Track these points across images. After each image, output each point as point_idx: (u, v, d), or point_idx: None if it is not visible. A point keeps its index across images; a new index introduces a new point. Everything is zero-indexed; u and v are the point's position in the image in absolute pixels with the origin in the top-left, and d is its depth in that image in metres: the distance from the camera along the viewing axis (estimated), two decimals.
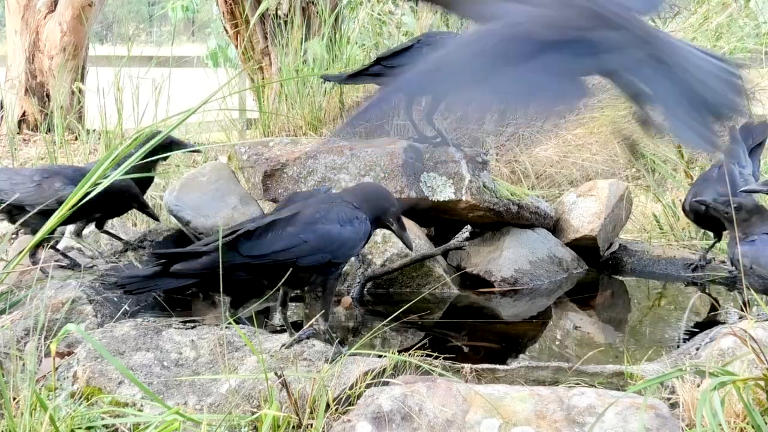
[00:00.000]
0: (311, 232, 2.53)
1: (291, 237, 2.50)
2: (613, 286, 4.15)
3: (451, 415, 2.25)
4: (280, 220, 2.54)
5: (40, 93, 8.24)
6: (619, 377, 2.51)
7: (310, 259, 2.53)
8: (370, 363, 2.48)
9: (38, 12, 8.32)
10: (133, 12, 22.43)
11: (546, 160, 5.29)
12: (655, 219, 4.90)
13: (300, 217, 2.57)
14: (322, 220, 2.57)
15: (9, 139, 6.06)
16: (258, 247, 2.48)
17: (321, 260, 2.55)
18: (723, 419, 2.03)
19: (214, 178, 4.04)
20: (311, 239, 2.52)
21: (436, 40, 3.63)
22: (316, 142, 3.97)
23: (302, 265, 2.53)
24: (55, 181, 3.27)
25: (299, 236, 2.51)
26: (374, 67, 3.56)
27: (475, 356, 3.04)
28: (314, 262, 2.54)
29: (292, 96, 5.36)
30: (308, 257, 2.52)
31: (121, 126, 5.83)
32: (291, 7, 6.23)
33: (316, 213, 2.60)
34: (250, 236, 2.48)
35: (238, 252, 2.46)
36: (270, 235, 2.50)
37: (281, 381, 2.30)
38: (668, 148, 5.47)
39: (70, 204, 2.34)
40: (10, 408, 2.23)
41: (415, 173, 3.77)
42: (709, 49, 3.29)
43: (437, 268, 3.78)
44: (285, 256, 2.50)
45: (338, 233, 2.57)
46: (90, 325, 2.87)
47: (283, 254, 2.50)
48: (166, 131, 2.72)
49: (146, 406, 2.39)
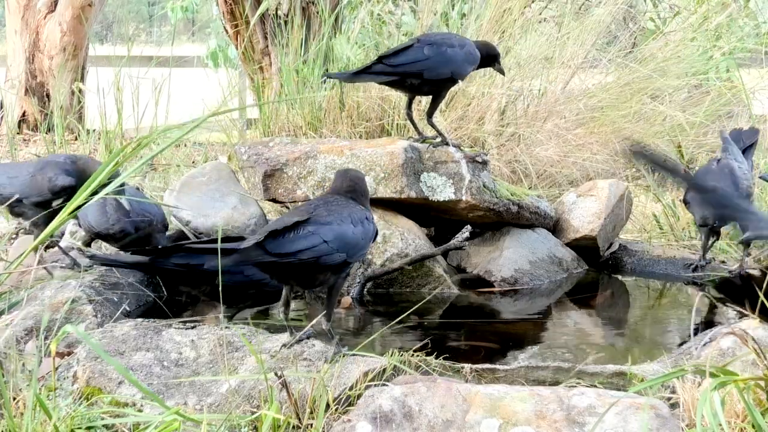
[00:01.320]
0: (330, 232, 2.57)
1: (313, 237, 2.54)
2: (613, 286, 4.15)
3: (451, 415, 2.25)
4: (303, 221, 2.56)
5: (40, 93, 8.23)
6: (620, 377, 2.51)
7: (329, 259, 2.56)
8: (370, 363, 2.48)
9: (38, 12, 8.32)
10: (133, 12, 22.42)
11: (546, 160, 5.28)
12: (655, 219, 4.89)
13: (319, 218, 2.59)
14: (338, 220, 2.61)
15: (9, 139, 6.06)
16: (284, 246, 2.51)
17: (338, 260, 2.58)
18: (723, 419, 2.03)
19: (214, 178, 4.04)
20: (331, 240, 2.56)
21: (435, 40, 3.66)
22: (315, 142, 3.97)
23: (322, 264, 2.56)
24: (47, 172, 3.29)
25: (320, 237, 2.55)
26: (377, 65, 3.58)
27: (475, 356, 3.03)
28: (333, 262, 2.58)
29: (292, 96, 5.36)
30: (328, 257, 2.56)
31: (121, 126, 5.82)
32: (291, 7, 6.23)
33: (333, 214, 2.63)
34: (276, 236, 2.51)
35: (265, 250, 2.48)
36: (292, 235, 2.52)
37: (281, 381, 2.30)
38: (668, 148, 5.48)
39: (71, 209, 2.33)
40: (10, 408, 2.23)
41: (415, 173, 3.77)
42: None
43: (437, 268, 3.78)
44: (308, 255, 2.52)
45: (352, 234, 2.62)
46: (90, 325, 2.86)
47: (306, 253, 2.52)
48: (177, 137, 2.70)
49: (146, 406, 2.39)
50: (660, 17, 7.71)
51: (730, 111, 6.22)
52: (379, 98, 5.18)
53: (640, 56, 5.94)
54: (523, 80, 5.57)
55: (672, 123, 5.61)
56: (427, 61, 3.59)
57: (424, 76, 3.60)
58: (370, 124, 5.21)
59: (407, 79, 3.61)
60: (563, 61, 5.76)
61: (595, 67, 6.09)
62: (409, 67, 3.58)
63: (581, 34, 5.78)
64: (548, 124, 5.48)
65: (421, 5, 5.97)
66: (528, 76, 5.58)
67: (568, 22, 5.96)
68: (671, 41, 6.17)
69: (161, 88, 5.90)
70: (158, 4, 21.18)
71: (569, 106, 5.61)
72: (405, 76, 3.60)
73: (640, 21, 7.33)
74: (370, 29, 6.69)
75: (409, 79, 3.61)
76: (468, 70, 3.75)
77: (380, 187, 3.73)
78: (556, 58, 5.74)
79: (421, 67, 3.58)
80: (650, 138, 5.49)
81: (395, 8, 7.64)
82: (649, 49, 5.99)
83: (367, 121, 5.21)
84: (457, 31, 6.18)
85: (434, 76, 3.62)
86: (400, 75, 3.59)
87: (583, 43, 5.77)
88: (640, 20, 7.37)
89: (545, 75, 5.67)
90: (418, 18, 5.90)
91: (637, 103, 5.64)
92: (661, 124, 5.65)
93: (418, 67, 3.58)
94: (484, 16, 5.65)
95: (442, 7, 6.11)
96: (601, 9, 5.90)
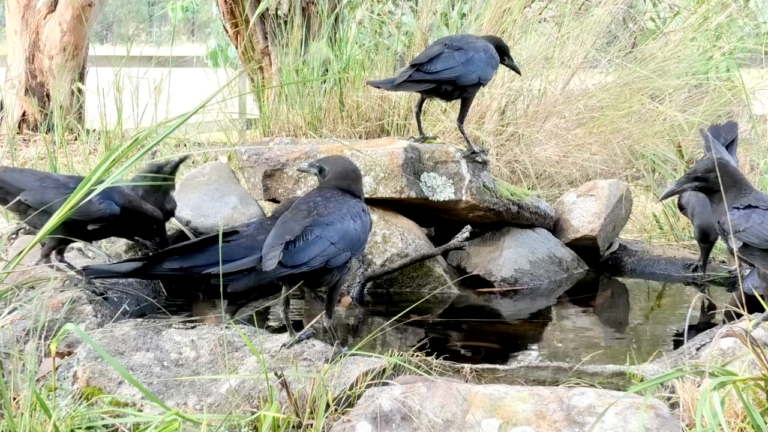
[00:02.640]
0: (335, 233, 2.58)
1: (321, 242, 2.55)
2: (613, 286, 4.15)
3: (451, 415, 2.25)
4: (309, 227, 2.56)
5: (40, 93, 8.24)
6: (619, 377, 2.51)
7: (337, 260, 2.58)
8: (370, 363, 2.48)
9: (38, 12, 8.32)
10: (133, 12, 22.42)
11: (546, 160, 5.28)
12: (655, 219, 4.89)
13: (323, 220, 2.59)
14: (339, 219, 2.61)
15: (9, 139, 6.05)
16: (296, 257, 2.51)
17: (345, 259, 2.60)
18: (723, 419, 2.03)
19: (214, 178, 4.04)
20: (337, 241, 2.57)
21: (461, 45, 3.68)
22: None
23: (331, 266, 2.57)
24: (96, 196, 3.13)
25: (327, 240, 2.56)
26: (415, 73, 3.60)
27: (475, 356, 3.04)
28: (340, 262, 2.59)
29: (292, 96, 5.36)
30: (335, 258, 2.57)
31: (120, 126, 5.82)
32: (291, 7, 6.23)
33: (333, 213, 2.63)
34: (287, 247, 2.50)
35: (281, 263, 2.48)
36: (302, 243, 2.53)
37: (281, 381, 2.30)
38: (668, 148, 5.48)
39: (70, 205, 2.33)
40: (10, 408, 2.23)
41: (415, 173, 3.77)
42: None
43: (437, 268, 3.78)
44: (319, 261, 2.53)
45: (354, 230, 2.63)
46: (90, 325, 2.86)
47: (317, 260, 2.53)
48: (167, 132, 2.71)
49: (146, 406, 2.39)
50: (660, 17, 7.70)
51: (730, 111, 6.22)
52: (379, 98, 5.18)
53: (640, 56, 5.94)
54: (522, 80, 5.58)
55: (672, 123, 5.61)
56: (459, 67, 3.62)
57: (456, 82, 3.63)
58: (370, 124, 5.21)
59: (442, 86, 3.64)
60: (563, 61, 5.77)
61: (594, 67, 6.09)
62: (444, 74, 3.60)
63: (581, 34, 5.78)
64: (548, 124, 5.48)
65: (421, 5, 5.97)
66: (528, 76, 5.58)
67: (568, 22, 5.96)
68: (671, 41, 6.17)
69: (161, 88, 5.90)
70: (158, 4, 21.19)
71: (569, 106, 5.62)
72: (440, 83, 3.62)
73: (640, 21, 7.32)
74: (369, 29, 6.70)
75: (443, 86, 3.64)
76: (491, 74, 3.80)
77: (380, 187, 3.73)
78: (555, 58, 5.74)
79: (455, 73, 3.61)
80: (650, 138, 5.49)
81: (395, 8, 7.64)
82: (649, 49, 5.99)
83: (367, 121, 5.21)
84: (456, 31, 6.19)
85: (465, 82, 3.64)
86: (436, 82, 3.61)
87: (582, 43, 5.77)
88: (640, 20, 7.37)
89: (545, 75, 5.67)
90: (418, 18, 5.90)
91: (637, 103, 5.64)
92: (660, 124, 5.65)
93: (452, 73, 3.61)
94: (484, 16, 5.66)
95: (442, 7, 6.12)
96: (601, 9, 5.90)
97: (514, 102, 5.58)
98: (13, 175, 3.25)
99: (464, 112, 3.83)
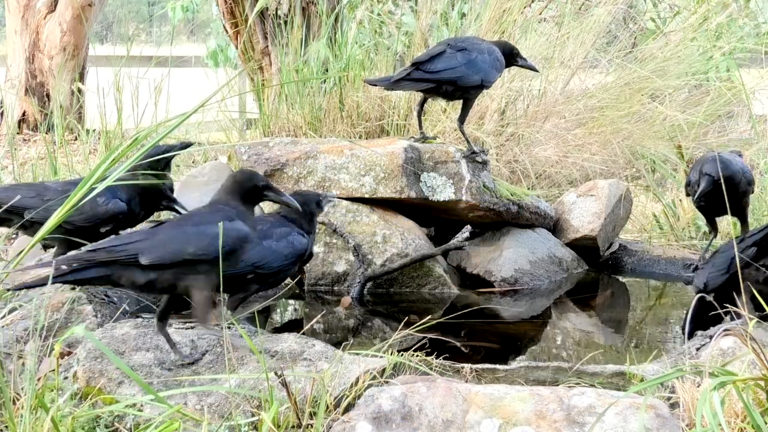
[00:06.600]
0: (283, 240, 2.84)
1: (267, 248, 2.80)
2: (613, 286, 4.15)
3: (451, 415, 2.25)
4: None
5: (40, 93, 8.24)
6: (619, 377, 2.51)
7: None
8: (370, 363, 2.48)
9: (38, 12, 8.32)
10: (133, 12, 22.41)
11: (546, 160, 5.29)
12: (655, 219, 4.90)
13: None
14: None
15: (9, 139, 6.05)
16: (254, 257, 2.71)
17: None
18: (723, 419, 2.03)
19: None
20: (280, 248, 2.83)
21: (465, 46, 3.69)
22: None
23: None
24: (97, 196, 3.03)
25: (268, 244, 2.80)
26: (415, 72, 3.60)
27: (475, 356, 3.04)
28: None
29: (292, 96, 5.36)
30: None
31: (120, 126, 5.82)
32: (291, 7, 6.22)
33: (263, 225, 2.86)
34: None
35: None
36: None
37: (281, 381, 2.30)
38: (668, 149, 5.48)
39: (70, 205, 2.33)
40: (10, 408, 2.23)
41: (415, 173, 3.77)
42: None
43: (437, 268, 3.78)
44: None
45: None
46: (90, 325, 2.86)
47: None
48: (166, 131, 2.70)
49: (146, 406, 2.39)
50: (660, 17, 7.71)
51: (730, 111, 6.22)
52: (379, 98, 5.18)
53: (640, 56, 5.94)
54: (522, 80, 5.58)
55: (672, 123, 5.61)
56: (461, 68, 3.62)
57: (458, 83, 3.62)
58: (370, 124, 5.21)
59: (442, 86, 3.64)
60: (563, 61, 5.77)
61: (594, 67, 6.09)
62: (445, 74, 3.60)
63: (581, 34, 5.78)
64: (548, 124, 5.48)
65: (421, 5, 5.97)
66: (528, 76, 5.58)
67: (568, 22, 5.96)
68: (671, 41, 6.17)
69: (161, 88, 5.89)
70: (158, 4, 21.18)
71: (569, 106, 5.62)
72: (441, 83, 3.62)
73: (640, 21, 7.33)
74: (369, 29, 6.70)
75: (444, 86, 3.63)
76: (495, 76, 3.79)
77: (380, 187, 3.73)
78: (555, 58, 5.74)
79: (456, 74, 3.61)
80: (650, 138, 5.49)
81: (395, 8, 7.64)
82: (649, 49, 5.99)
83: (366, 121, 5.21)
84: (456, 30, 6.19)
85: (467, 83, 3.64)
86: (436, 82, 3.61)
87: (582, 43, 5.77)
88: (640, 20, 7.37)
89: (545, 75, 5.67)
90: (418, 18, 5.90)
91: (637, 104, 5.64)
92: (660, 124, 5.65)
93: (453, 74, 3.61)
94: (483, 16, 5.66)
95: (442, 7, 6.11)
96: (601, 9, 5.90)
97: (513, 102, 5.58)
98: (9, 194, 3.08)
99: (465, 113, 3.83)
